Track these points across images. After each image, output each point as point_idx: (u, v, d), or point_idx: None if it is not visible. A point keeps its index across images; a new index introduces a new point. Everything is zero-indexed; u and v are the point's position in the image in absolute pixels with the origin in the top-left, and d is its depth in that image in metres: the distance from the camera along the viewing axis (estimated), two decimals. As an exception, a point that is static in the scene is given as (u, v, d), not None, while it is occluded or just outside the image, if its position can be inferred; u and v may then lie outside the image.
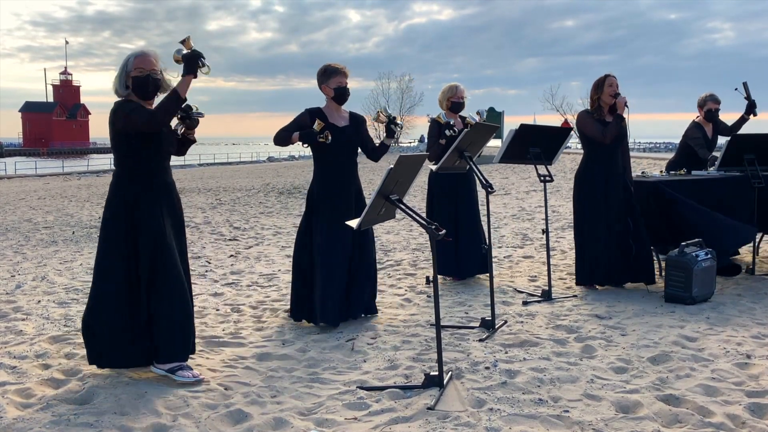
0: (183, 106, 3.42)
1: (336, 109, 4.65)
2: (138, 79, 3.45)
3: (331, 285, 4.51)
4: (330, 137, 4.46)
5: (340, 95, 4.61)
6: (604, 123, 5.27)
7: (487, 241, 4.66)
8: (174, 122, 3.56)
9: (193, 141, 3.79)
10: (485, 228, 5.68)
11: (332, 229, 4.52)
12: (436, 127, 5.72)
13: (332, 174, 4.61)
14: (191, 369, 3.55)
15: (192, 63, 3.28)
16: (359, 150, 4.77)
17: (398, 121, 4.71)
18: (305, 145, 4.57)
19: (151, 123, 3.34)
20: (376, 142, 4.87)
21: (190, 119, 3.59)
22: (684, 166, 6.32)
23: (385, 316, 4.80)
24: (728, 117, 6.59)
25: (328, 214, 4.56)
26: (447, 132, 5.52)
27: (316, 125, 4.45)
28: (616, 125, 5.21)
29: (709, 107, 6.40)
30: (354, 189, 4.68)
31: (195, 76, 3.30)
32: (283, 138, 4.57)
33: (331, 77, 4.57)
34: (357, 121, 4.75)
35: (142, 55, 3.48)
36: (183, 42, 3.33)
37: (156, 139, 3.48)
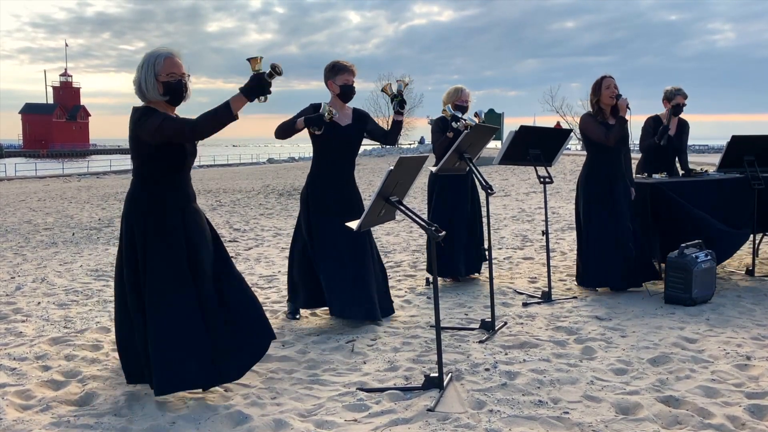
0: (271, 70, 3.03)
1: (340, 107, 4.64)
2: (171, 85, 3.18)
3: (330, 279, 4.51)
4: (335, 113, 4.27)
5: (346, 93, 4.59)
6: (606, 125, 5.26)
7: (487, 242, 4.65)
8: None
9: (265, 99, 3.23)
10: (485, 229, 5.69)
11: (327, 228, 4.51)
12: (441, 122, 5.74)
13: (332, 174, 4.61)
14: None
15: (261, 87, 2.97)
16: (359, 149, 4.77)
17: (402, 89, 4.49)
18: (315, 130, 4.29)
19: (194, 134, 3.06)
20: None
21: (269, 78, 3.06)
22: (647, 167, 6.15)
23: (394, 312, 4.79)
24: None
25: (323, 213, 4.54)
26: (454, 124, 5.49)
27: (326, 111, 4.22)
28: (620, 127, 5.20)
29: (677, 101, 6.18)
30: (352, 190, 4.68)
31: (251, 100, 3.00)
32: (285, 128, 4.39)
33: (339, 74, 4.56)
34: (361, 117, 4.73)
35: (171, 57, 3.19)
36: (253, 61, 3.01)
37: (180, 154, 3.26)
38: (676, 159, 6.43)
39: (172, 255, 3.24)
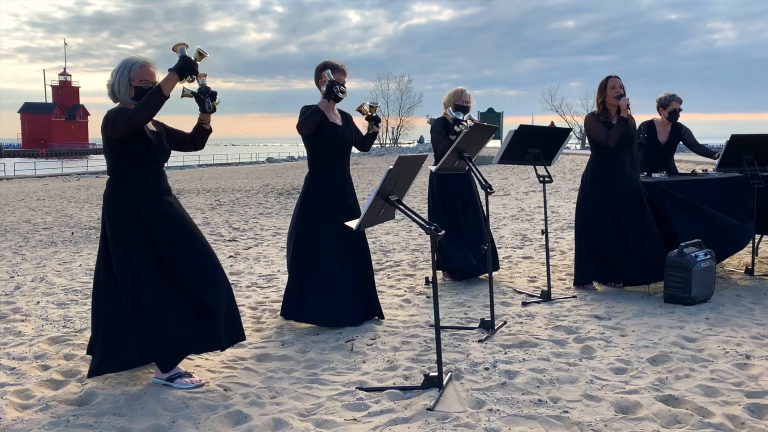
0: (203, 89, 3.48)
1: (331, 107, 4.62)
2: (142, 91, 3.41)
3: (335, 284, 4.50)
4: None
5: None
6: (609, 125, 5.28)
7: (487, 241, 4.65)
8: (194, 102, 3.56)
9: (209, 131, 3.74)
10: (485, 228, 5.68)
11: (336, 228, 4.51)
12: (442, 123, 5.75)
13: (333, 174, 4.60)
14: (190, 375, 3.54)
15: (186, 68, 3.30)
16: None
17: (377, 114, 4.63)
18: (337, 94, 4.47)
19: (132, 120, 3.27)
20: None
21: (205, 102, 3.54)
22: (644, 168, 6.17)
23: (384, 317, 4.80)
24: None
25: (330, 214, 4.53)
26: (456, 128, 5.49)
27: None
28: (619, 127, 5.22)
29: (673, 107, 6.15)
30: (349, 189, 4.69)
31: (180, 79, 3.31)
32: (310, 118, 4.40)
33: (331, 73, 4.55)
34: (347, 117, 4.76)
35: (146, 66, 3.45)
36: (194, 52, 3.37)
37: (144, 147, 3.43)
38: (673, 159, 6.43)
39: (148, 246, 3.44)
